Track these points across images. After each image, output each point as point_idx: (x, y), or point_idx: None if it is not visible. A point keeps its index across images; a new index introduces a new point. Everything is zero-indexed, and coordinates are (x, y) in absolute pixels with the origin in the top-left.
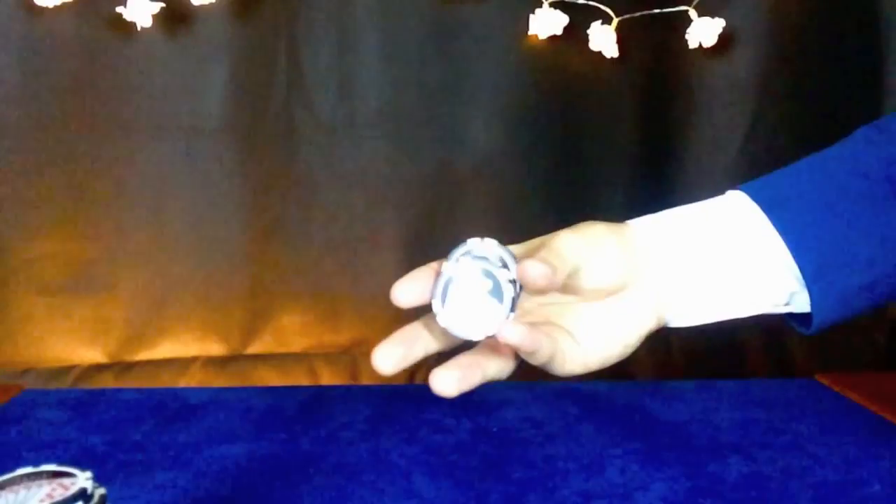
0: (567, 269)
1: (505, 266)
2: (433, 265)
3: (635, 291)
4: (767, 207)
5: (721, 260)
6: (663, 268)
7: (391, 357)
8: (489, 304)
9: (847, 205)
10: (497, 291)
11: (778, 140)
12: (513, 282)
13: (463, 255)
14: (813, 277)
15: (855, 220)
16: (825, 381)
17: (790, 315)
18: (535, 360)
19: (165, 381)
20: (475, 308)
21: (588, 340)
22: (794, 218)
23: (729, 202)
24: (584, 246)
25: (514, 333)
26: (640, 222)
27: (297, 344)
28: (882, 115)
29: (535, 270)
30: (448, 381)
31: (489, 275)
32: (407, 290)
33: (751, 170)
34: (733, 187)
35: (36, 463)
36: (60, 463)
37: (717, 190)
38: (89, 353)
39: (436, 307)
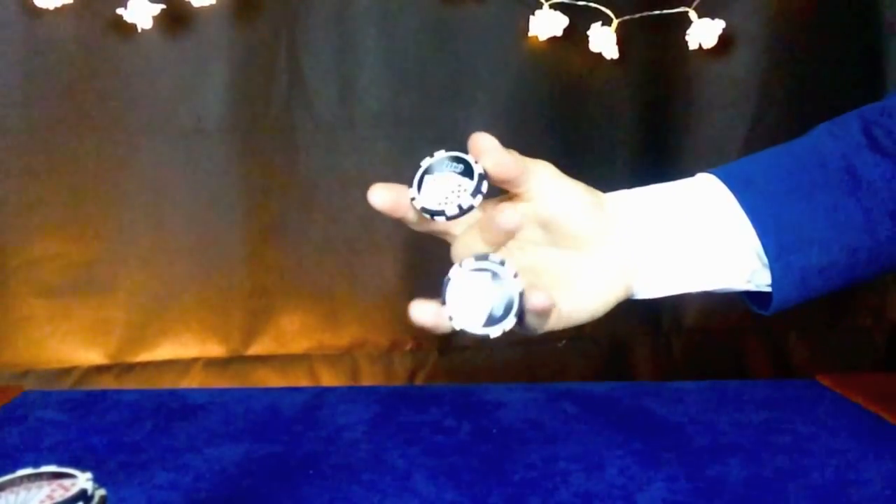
0: (521, 166)
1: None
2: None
3: (605, 252)
4: (735, 188)
5: (687, 232)
6: (632, 234)
7: (385, 194)
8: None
9: (807, 191)
10: (468, 171)
11: (778, 141)
12: (482, 173)
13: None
14: (775, 255)
15: (814, 205)
16: (826, 382)
17: (749, 298)
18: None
19: (166, 382)
20: (449, 186)
21: (563, 295)
22: (759, 199)
23: (698, 182)
24: (554, 174)
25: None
26: (613, 194)
27: (297, 345)
28: None
29: (487, 145)
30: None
31: (459, 159)
32: (382, 192)
33: None
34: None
35: (36, 464)
36: (60, 464)
37: None
38: (90, 355)
39: (412, 193)
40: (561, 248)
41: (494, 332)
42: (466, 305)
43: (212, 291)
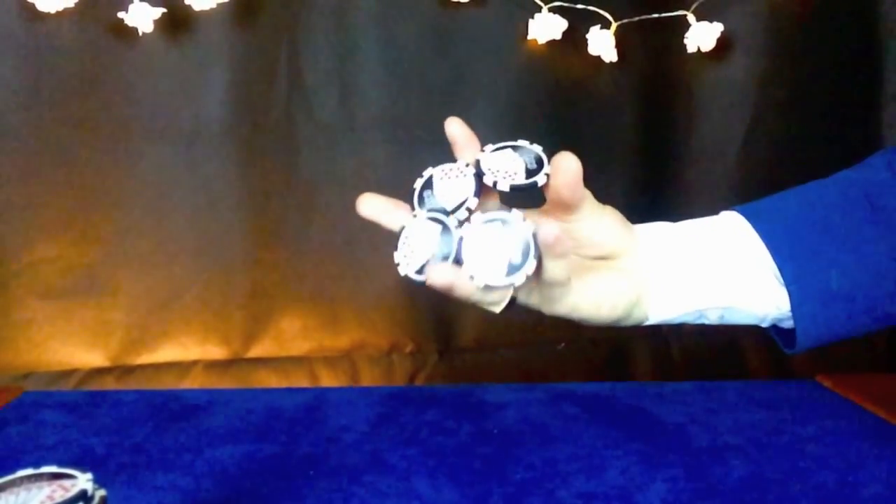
0: (585, 194)
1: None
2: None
3: (623, 261)
4: (751, 217)
5: (701, 251)
6: (649, 250)
7: (373, 206)
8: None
9: (826, 217)
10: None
11: (776, 144)
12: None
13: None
14: (792, 278)
15: (833, 229)
16: (826, 383)
17: (780, 339)
18: (555, 250)
19: (167, 384)
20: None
21: (581, 288)
22: (775, 225)
23: (719, 216)
24: (594, 201)
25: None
26: (639, 225)
27: (297, 347)
28: (879, 119)
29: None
30: None
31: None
32: (372, 202)
33: (749, 174)
34: (731, 189)
35: (36, 464)
36: (61, 464)
37: (717, 194)
38: (91, 357)
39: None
40: (586, 253)
41: (518, 279)
42: (484, 260)
43: (212, 294)
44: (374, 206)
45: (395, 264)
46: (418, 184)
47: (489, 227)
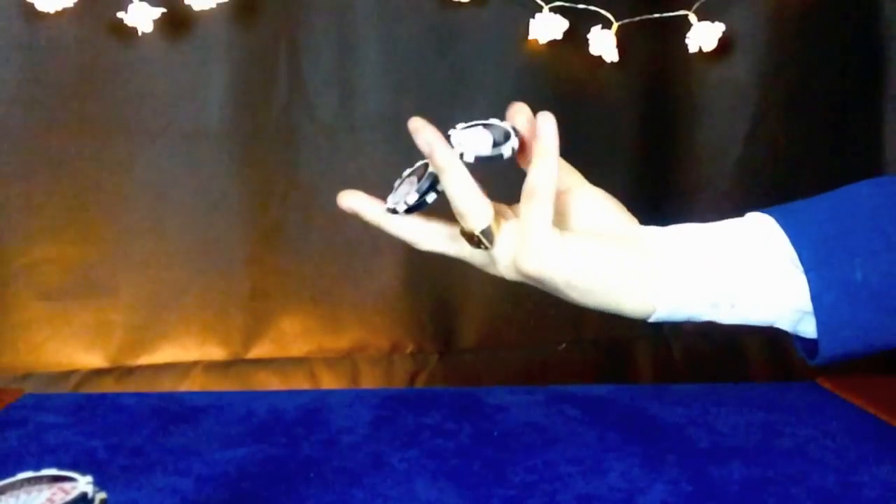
0: (561, 167)
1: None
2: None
3: (619, 238)
4: (775, 213)
5: (715, 243)
6: (659, 241)
7: (354, 199)
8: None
9: (856, 208)
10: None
11: (778, 144)
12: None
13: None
14: (811, 263)
15: (862, 219)
16: (826, 385)
17: (803, 349)
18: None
19: (166, 385)
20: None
21: (565, 243)
22: (798, 214)
23: (744, 217)
24: (590, 185)
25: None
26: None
27: (297, 348)
28: (879, 119)
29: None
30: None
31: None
32: (353, 196)
33: (750, 174)
34: (732, 189)
35: (36, 467)
36: (61, 467)
37: (718, 193)
38: (90, 358)
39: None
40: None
41: (504, 150)
42: (470, 142)
43: (212, 294)
44: (354, 200)
45: (397, 212)
46: (406, 172)
47: (473, 129)
